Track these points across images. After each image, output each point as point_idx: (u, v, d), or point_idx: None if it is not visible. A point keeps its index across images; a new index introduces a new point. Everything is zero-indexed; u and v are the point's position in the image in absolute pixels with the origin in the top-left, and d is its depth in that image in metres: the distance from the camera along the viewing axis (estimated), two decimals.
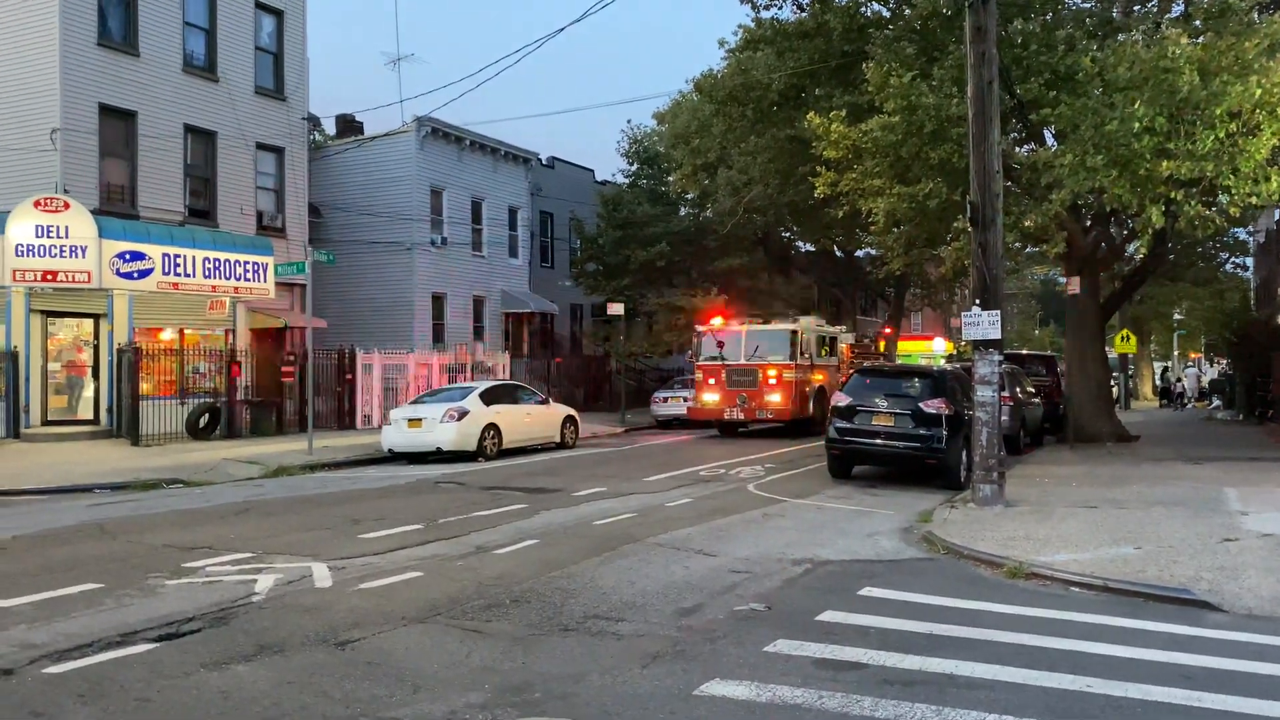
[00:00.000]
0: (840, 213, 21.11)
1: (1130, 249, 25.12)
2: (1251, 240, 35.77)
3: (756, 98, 22.74)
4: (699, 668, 5.93)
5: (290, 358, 21.92)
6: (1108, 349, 31.43)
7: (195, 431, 21.57)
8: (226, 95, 24.48)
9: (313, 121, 31.01)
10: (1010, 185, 17.44)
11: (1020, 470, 16.04)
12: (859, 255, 40.24)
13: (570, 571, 8.67)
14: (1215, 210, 16.08)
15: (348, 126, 33.79)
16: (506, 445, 19.61)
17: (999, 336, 12.32)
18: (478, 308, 33.01)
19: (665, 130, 37.51)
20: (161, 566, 8.85)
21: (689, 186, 33.41)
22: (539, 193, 36.43)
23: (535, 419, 21.01)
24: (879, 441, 15.10)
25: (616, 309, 30.01)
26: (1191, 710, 5.28)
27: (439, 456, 18.72)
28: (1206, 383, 51.75)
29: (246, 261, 23.47)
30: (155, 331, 22.44)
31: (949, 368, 19.42)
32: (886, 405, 15.14)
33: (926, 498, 13.47)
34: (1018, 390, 20.13)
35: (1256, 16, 16.90)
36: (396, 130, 30.85)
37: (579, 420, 22.79)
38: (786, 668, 5.95)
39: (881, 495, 14.02)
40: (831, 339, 27.28)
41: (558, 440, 21.51)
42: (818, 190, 19.29)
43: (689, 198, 37.15)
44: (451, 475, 16.39)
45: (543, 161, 37.36)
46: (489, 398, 19.76)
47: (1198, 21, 17.12)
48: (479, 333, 32.67)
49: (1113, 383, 34.28)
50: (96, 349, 21.89)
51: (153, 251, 21.41)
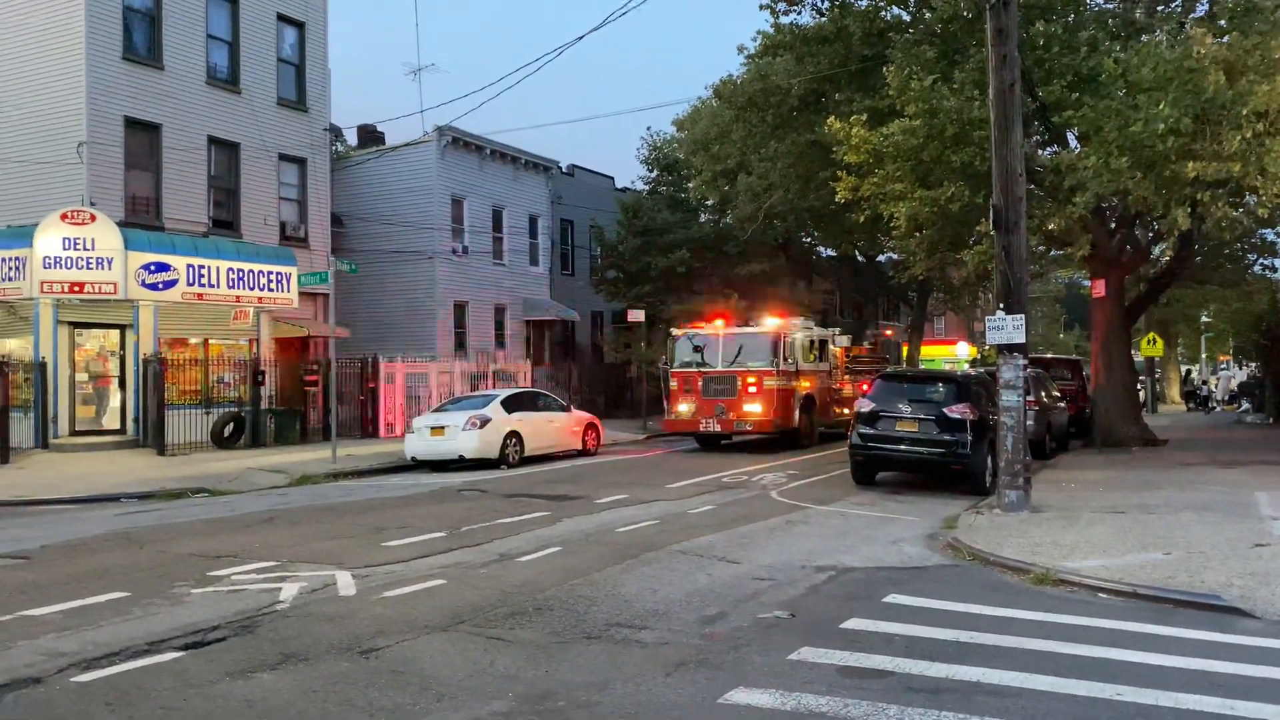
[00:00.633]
0: (861, 217, 20.74)
1: (1156, 251, 24.90)
2: None
3: (776, 103, 22.72)
4: (723, 676, 5.90)
5: (314, 367, 22.06)
6: (1134, 352, 31.11)
7: (220, 441, 21.73)
8: (249, 107, 24.69)
9: (334, 132, 31.19)
10: (1033, 188, 17.32)
11: (1046, 475, 15.90)
12: (881, 260, 40.11)
13: (593, 579, 8.66)
14: (1243, 211, 15.92)
15: (369, 136, 33.97)
16: (528, 453, 19.64)
17: (1023, 341, 12.23)
18: (499, 315, 33.08)
19: (685, 137, 37.47)
20: (187, 575, 8.92)
21: (709, 193, 33.33)
22: (559, 200, 36.50)
23: (557, 426, 21.01)
24: (903, 447, 15.01)
25: (637, 316, 29.95)
26: (1225, 719, 5.19)
27: (461, 464, 18.77)
28: (1235, 385, 51.11)
29: (270, 272, 23.64)
30: (180, 342, 22.62)
31: (973, 372, 19.25)
32: (910, 411, 15.05)
33: (951, 504, 13.38)
34: (1043, 394, 19.96)
35: None
36: (417, 140, 31.00)
37: (600, 427, 22.79)
38: (811, 676, 5.91)
39: (906, 501, 13.94)
40: (822, 342, 24.77)
41: (579, 447, 21.50)
42: (839, 195, 19.22)
43: (709, 204, 37.11)
44: (474, 483, 16.43)
45: (563, 169, 37.44)
46: (510, 405, 19.81)
47: (1223, 21, 16.94)
48: (500, 340, 32.74)
49: (1139, 386, 33.93)
50: (123, 359, 22.08)
51: (177, 263, 21.61)
